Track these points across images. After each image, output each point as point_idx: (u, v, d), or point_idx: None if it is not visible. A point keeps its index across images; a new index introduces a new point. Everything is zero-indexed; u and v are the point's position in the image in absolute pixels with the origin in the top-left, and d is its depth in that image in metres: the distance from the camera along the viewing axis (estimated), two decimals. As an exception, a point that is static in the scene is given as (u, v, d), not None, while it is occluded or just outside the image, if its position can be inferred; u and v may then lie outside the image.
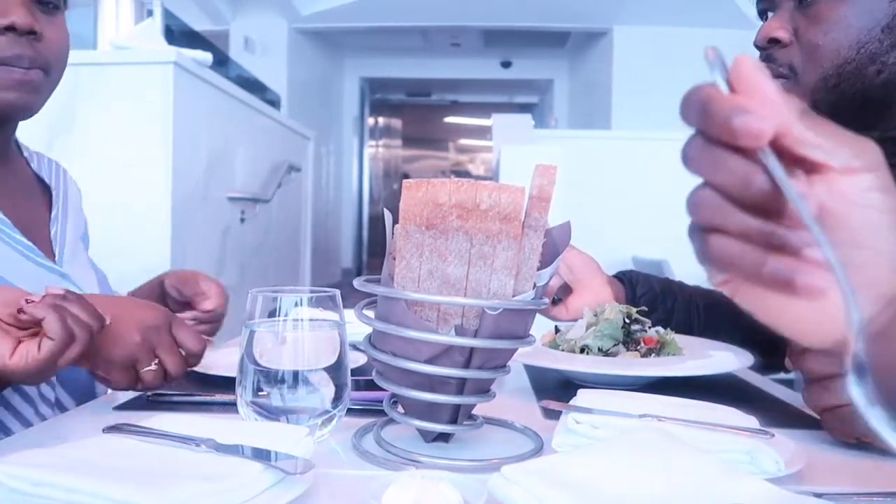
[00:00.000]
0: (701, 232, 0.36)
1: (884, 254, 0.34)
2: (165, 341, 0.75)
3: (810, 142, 0.34)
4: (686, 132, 0.36)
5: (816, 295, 0.33)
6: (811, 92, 0.87)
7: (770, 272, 0.34)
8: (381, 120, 9.84)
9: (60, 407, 0.89)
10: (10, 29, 0.81)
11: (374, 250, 8.74)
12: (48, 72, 0.87)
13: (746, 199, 0.34)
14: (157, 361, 0.74)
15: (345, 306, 0.67)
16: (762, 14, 0.95)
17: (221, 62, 4.19)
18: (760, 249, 0.34)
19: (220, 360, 0.94)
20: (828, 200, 0.34)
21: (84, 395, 0.92)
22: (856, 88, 0.85)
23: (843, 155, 0.34)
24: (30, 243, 0.89)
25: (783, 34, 0.88)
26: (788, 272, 0.34)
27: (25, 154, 1.02)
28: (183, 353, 0.76)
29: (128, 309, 0.75)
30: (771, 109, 0.33)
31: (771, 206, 0.33)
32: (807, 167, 0.34)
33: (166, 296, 1.03)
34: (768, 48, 0.90)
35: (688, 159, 0.35)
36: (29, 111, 0.87)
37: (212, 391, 0.81)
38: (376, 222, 8.44)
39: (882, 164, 0.35)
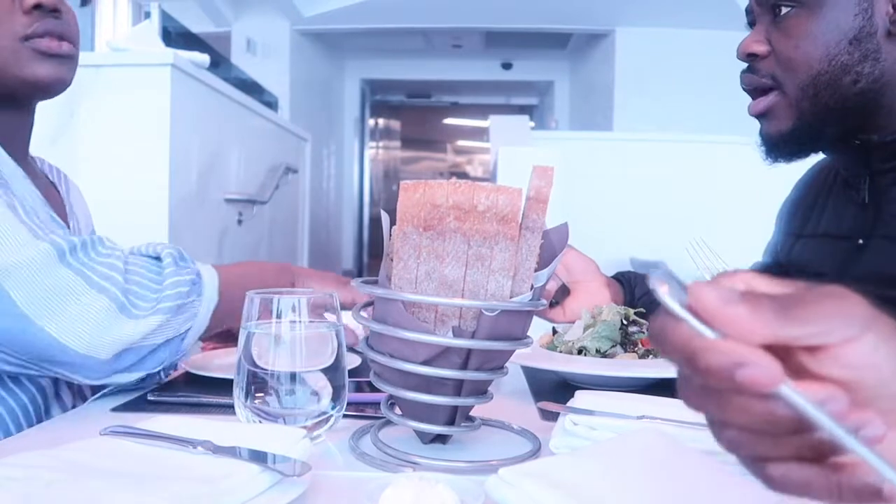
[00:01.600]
0: (751, 462, 0.35)
1: None
2: None
3: (802, 336, 0.32)
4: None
5: None
6: (795, 103, 0.90)
7: (849, 493, 0.33)
8: (380, 121, 9.85)
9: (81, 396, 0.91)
10: (37, 7, 0.85)
11: (375, 252, 8.74)
12: (75, 44, 0.91)
13: (777, 431, 0.32)
14: None
15: (345, 307, 0.67)
16: (751, 25, 0.98)
17: (219, 64, 4.18)
18: (826, 468, 0.33)
19: (217, 361, 0.94)
20: (843, 374, 0.33)
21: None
22: (834, 98, 0.88)
23: (838, 329, 0.33)
24: (64, 224, 0.92)
25: (759, 47, 0.92)
26: (870, 489, 0.32)
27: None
28: None
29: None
30: (754, 331, 0.32)
31: (805, 423, 0.32)
32: (810, 350, 0.33)
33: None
34: (748, 61, 0.94)
35: (693, 405, 0.34)
36: (63, 83, 0.90)
37: (209, 393, 0.80)
38: (377, 224, 8.44)
39: (873, 315, 0.34)
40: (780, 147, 0.94)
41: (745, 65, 0.96)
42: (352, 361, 0.89)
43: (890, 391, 0.34)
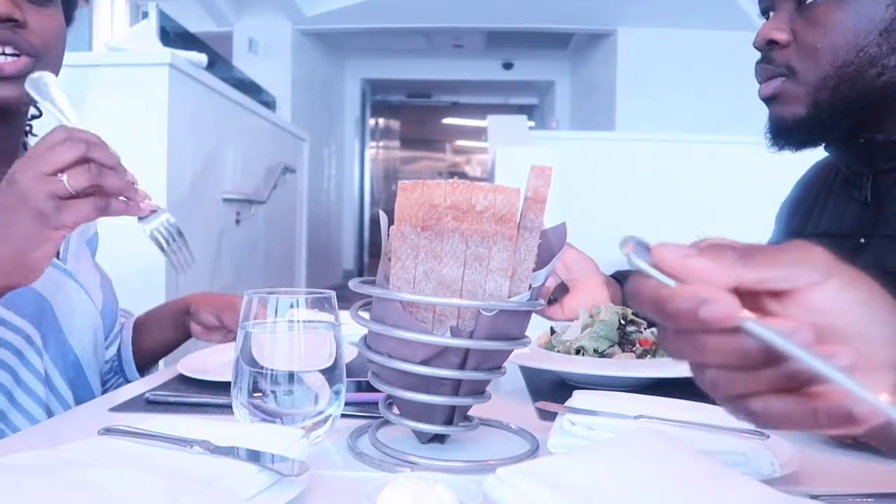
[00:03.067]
0: (733, 401, 0.36)
1: (880, 338, 0.36)
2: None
3: (768, 279, 0.34)
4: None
5: (876, 418, 0.33)
6: (812, 92, 0.87)
7: (824, 419, 0.34)
8: (380, 121, 9.86)
9: (53, 391, 0.90)
10: None
11: (375, 251, 8.75)
12: (38, 58, 0.84)
13: (751, 366, 0.34)
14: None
15: (347, 308, 0.67)
16: (764, 13, 0.95)
17: (218, 64, 4.18)
18: (802, 397, 0.35)
19: (214, 360, 0.94)
20: (809, 318, 0.35)
21: (72, 383, 0.93)
22: (856, 90, 0.85)
23: (802, 274, 0.35)
24: None
25: (781, 35, 0.89)
26: (843, 411, 0.33)
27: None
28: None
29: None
30: (716, 278, 0.34)
31: (776, 356, 0.33)
32: (777, 296, 0.35)
33: (191, 317, 1.09)
34: (766, 49, 0.91)
35: (671, 352, 0.37)
36: (18, 99, 0.84)
37: (207, 392, 0.80)
38: (377, 223, 8.42)
39: (836, 262, 0.36)
40: (790, 133, 0.91)
41: (756, 57, 0.93)
42: (349, 354, 0.87)
43: (858, 334, 0.35)
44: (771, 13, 0.93)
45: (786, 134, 0.92)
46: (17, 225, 0.68)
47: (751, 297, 0.34)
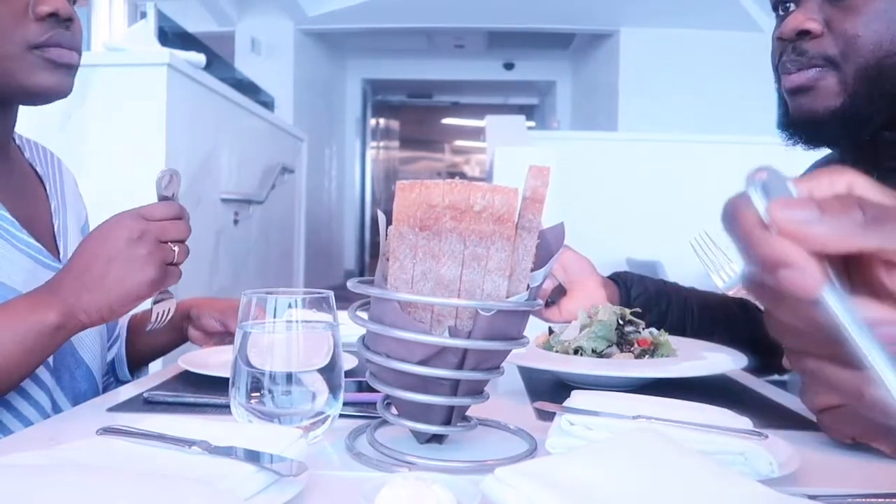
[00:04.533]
0: (791, 353, 0.35)
1: None
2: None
3: (887, 251, 0.31)
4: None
5: None
6: (850, 83, 0.85)
7: (870, 405, 0.32)
8: (381, 121, 9.86)
9: (56, 409, 0.89)
10: (52, 15, 0.83)
11: (376, 251, 8.69)
12: (80, 54, 0.89)
13: (818, 334, 0.32)
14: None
15: (346, 307, 0.67)
16: (777, 6, 0.93)
17: (216, 64, 4.18)
18: (858, 372, 0.32)
19: (214, 358, 0.94)
20: None
21: (80, 397, 0.93)
22: (894, 82, 0.83)
23: None
24: (38, 245, 0.89)
25: (814, 25, 0.86)
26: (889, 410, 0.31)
27: (18, 142, 1.00)
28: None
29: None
30: (827, 248, 0.30)
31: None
32: (890, 266, 0.32)
33: (191, 322, 1.07)
34: (796, 40, 0.88)
35: (750, 289, 0.35)
36: (66, 92, 0.89)
37: (205, 392, 0.80)
38: (378, 224, 8.40)
39: None
40: (818, 127, 0.87)
41: (761, 53, 0.90)
42: (349, 362, 0.89)
43: None
44: (785, 5, 0.91)
45: (812, 127, 0.89)
46: (129, 280, 0.79)
47: (865, 257, 0.32)
